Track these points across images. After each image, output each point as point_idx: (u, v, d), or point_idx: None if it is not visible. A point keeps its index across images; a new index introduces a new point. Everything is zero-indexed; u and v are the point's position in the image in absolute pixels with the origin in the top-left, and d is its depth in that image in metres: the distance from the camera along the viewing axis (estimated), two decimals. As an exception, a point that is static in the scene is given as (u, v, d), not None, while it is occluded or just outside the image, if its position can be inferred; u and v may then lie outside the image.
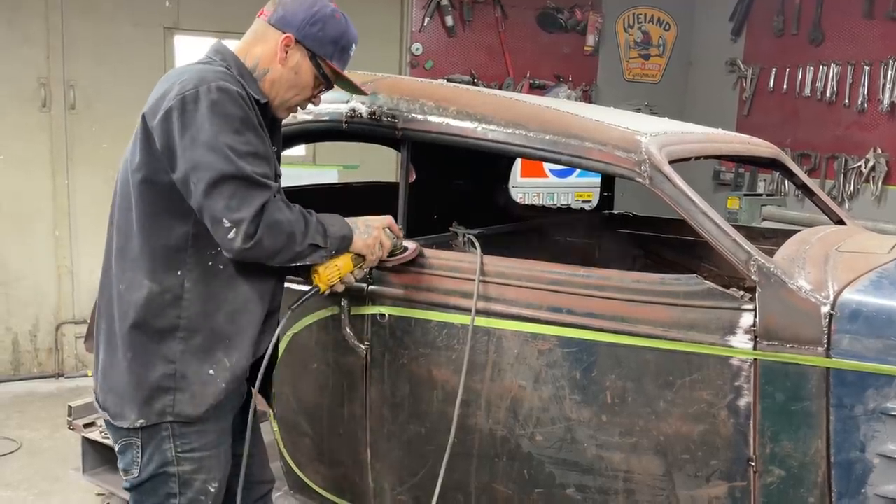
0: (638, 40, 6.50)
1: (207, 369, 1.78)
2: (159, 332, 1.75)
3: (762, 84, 6.10)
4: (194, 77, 1.69)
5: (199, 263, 1.75)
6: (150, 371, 1.75)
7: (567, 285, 1.98)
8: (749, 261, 1.81)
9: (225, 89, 1.68)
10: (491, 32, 5.89)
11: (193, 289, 1.75)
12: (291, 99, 1.89)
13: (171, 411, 1.77)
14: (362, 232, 1.93)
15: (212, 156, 1.64)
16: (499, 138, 2.09)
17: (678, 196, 1.89)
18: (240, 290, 1.80)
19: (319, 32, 1.83)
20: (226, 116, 1.66)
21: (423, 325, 2.16)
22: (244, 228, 1.66)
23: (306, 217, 1.81)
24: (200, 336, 1.77)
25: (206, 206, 1.66)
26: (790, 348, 1.76)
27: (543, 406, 2.02)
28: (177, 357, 1.76)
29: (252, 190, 1.68)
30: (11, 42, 4.63)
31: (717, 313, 1.82)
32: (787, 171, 3.04)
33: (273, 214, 1.71)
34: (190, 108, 1.65)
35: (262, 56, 1.83)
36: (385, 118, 2.23)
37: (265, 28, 1.85)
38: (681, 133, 2.23)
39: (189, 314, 1.75)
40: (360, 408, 2.30)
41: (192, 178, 1.65)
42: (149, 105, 1.73)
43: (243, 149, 1.68)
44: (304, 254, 1.80)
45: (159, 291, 1.74)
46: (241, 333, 1.81)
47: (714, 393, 1.83)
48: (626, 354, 1.91)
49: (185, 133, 1.65)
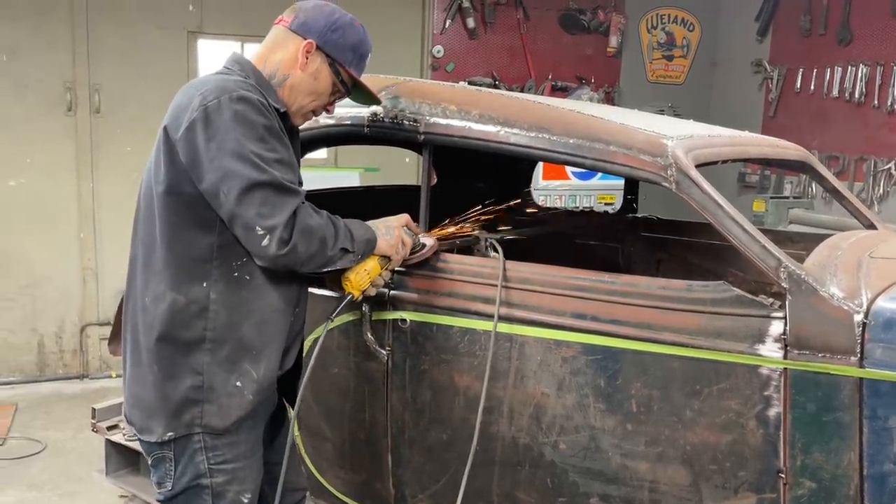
0: (661, 41, 6.44)
1: (234, 381, 1.77)
2: (186, 344, 1.74)
3: (789, 85, 6.01)
4: (215, 88, 1.69)
5: (224, 274, 1.75)
6: (177, 383, 1.74)
7: (591, 291, 1.95)
8: (779, 267, 1.77)
9: (247, 98, 1.68)
10: (513, 34, 5.86)
11: (219, 300, 1.74)
12: (308, 105, 1.89)
13: (199, 423, 1.76)
14: (384, 233, 1.93)
15: (240, 164, 1.64)
16: (522, 142, 2.07)
17: (705, 201, 1.86)
18: (266, 300, 1.79)
19: (340, 39, 1.83)
20: (250, 124, 1.66)
21: (444, 331, 2.14)
22: (278, 235, 1.66)
23: (335, 222, 1.81)
24: (227, 347, 1.76)
25: (238, 215, 1.66)
26: (822, 357, 1.71)
27: (567, 414, 1.99)
28: (204, 368, 1.75)
29: (283, 196, 1.68)
30: (38, 47, 4.68)
31: (746, 321, 1.78)
32: (816, 173, 2.98)
33: (305, 220, 1.71)
34: (214, 118, 1.65)
35: (282, 62, 1.83)
36: (407, 122, 2.21)
37: (285, 34, 1.85)
38: (707, 136, 2.19)
39: (215, 325, 1.74)
40: (382, 413, 2.29)
41: (223, 188, 1.65)
42: (169, 117, 1.72)
43: (270, 156, 1.68)
44: (335, 258, 1.80)
45: (185, 303, 1.73)
46: (268, 344, 1.80)
47: (742, 402, 1.79)
48: (651, 362, 1.87)
49: (211, 143, 1.64)
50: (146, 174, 1.79)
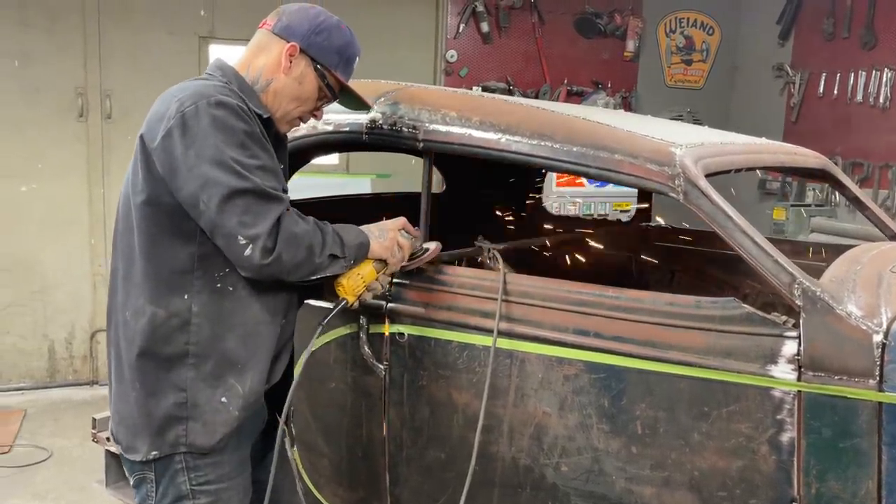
0: (680, 45, 6.32)
1: (220, 397, 1.71)
2: (168, 360, 1.68)
3: (811, 90, 5.87)
4: (193, 93, 1.62)
5: (206, 286, 1.68)
6: (160, 400, 1.68)
7: (595, 307, 1.86)
8: (793, 284, 1.67)
9: (225, 103, 1.61)
10: (528, 38, 5.78)
11: (202, 312, 1.68)
12: (293, 111, 1.82)
13: (184, 441, 1.70)
14: (378, 236, 1.85)
15: (220, 172, 1.57)
16: (523, 150, 1.99)
17: (715, 213, 1.76)
18: (250, 311, 1.73)
19: (325, 42, 1.77)
20: (230, 130, 1.60)
21: (443, 346, 2.06)
22: (261, 243, 1.59)
23: (322, 228, 1.74)
24: (211, 361, 1.70)
25: (219, 225, 1.59)
26: (838, 380, 1.61)
27: (569, 435, 1.90)
28: (187, 384, 1.69)
29: (266, 203, 1.61)
30: (50, 52, 4.68)
31: (757, 340, 1.68)
32: (836, 182, 2.87)
33: (290, 227, 1.64)
34: (191, 124, 1.58)
35: (265, 67, 1.77)
36: (406, 129, 2.14)
37: (268, 38, 1.79)
38: (719, 144, 2.09)
39: (198, 339, 1.68)
40: (379, 430, 2.21)
41: (202, 196, 1.58)
42: (146, 125, 1.67)
43: (251, 162, 1.61)
44: (324, 265, 1.73)
45: (166, 317, 1.67)
46: (254, 357, 1.74)
47: (754, 426, 1.69)
48: (657, 382, 1.78)
49: (189, 151, 1.58)
50: (124, 185, 1.73)
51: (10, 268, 4.79)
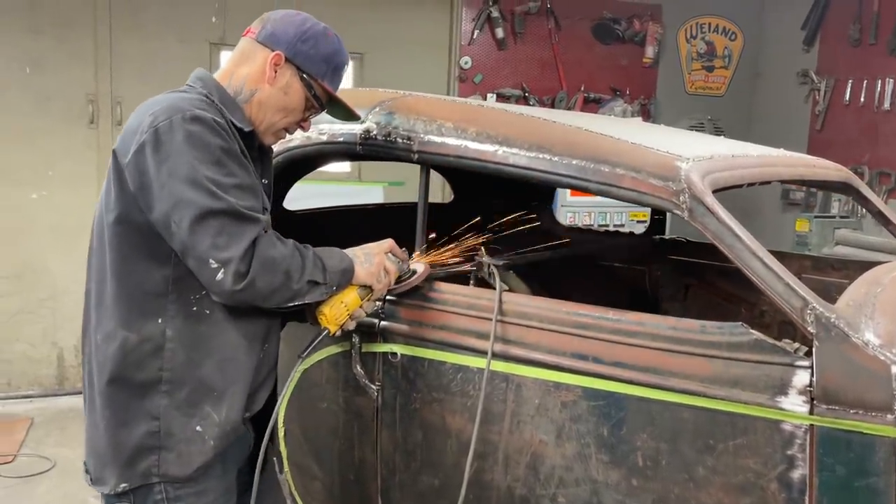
0: (701, 51, 6.18)
1: (195, 426, 1.62)
2: (140, 386, 1.60)
3: (837, 97, 5.70)
4: (167, 107, 1.54)
5: (181, 309, 1.60)
6: (132, 429, 1.60)
7: (594, 329, 1.76)
8: (804, 309, 1.56)
9: (201, 118, 1.53)
10: (543, 45, 5.68)
11: (176, 337, 1.59)
12: (279, 122, 1.74)
13: (156, 472, 1.61)
14: (363, 261, 1.76)
15: (192, 191, 1.49)
16: (521, 163, 1.89)
17: (721, 231, 1.65)
18: (228, 336, 1.64)
19: (311, 50, 1.68)
20: (204, 147, 1.51)
21: (436, 367, 1.96)
22: (234, 268, 1.50)
23: (302, 252, 1.64)
24: (186, 389, 1.61)
25: (191, 247, 1.51)
26: (854, 414, 1.49)
27: (567, 465, 1.80)
28: (161, 412, 1.60)
29: (240, 225, 1.52)
30: (61, 59, 4.67)
31: (766, 369, 1.56)
32: (859, 195, 2.73)
33: (266, 251, 1.55)
34: (164, 140, 1.50)
35: (248, 76, 1.69)
36: (401, 140, 2.05)
37: (252, 46, 1.71)
38: (730, 157, 1.98)
39: (172, 365, 1.60)
40: (372, 453, 2.12)
41: (174, 216, 1.50)
42: (120, 140, 1.59)
43: (227, 181, 1.52)
44: (302, 292, 1.63)
45: (137, 341, 1.58)
46: (231, 385, 1.65)
47: (762, 462, 1.57)
48: (659, 411, 1.67)
49: (161, 168, 1.50)
50: (99, 202, 1.65)
51: (20, 275, 4.78)
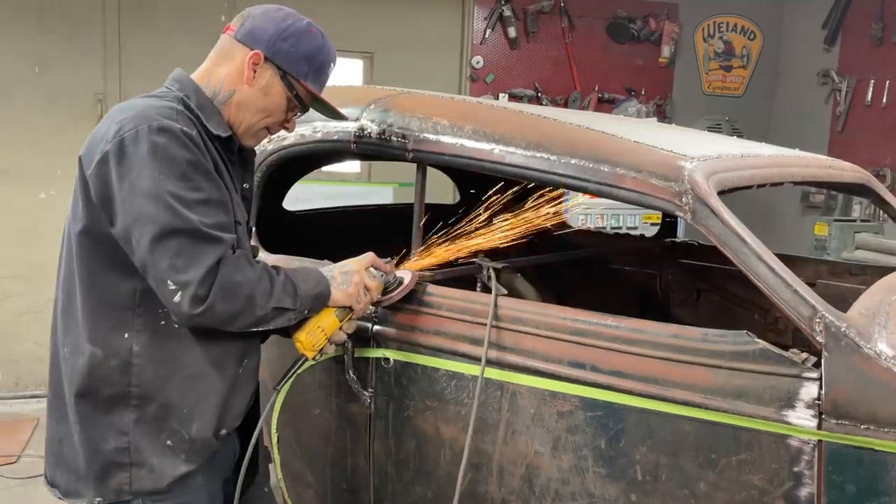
0: (719, 51, 6.06)
1: (165, 440, 1.55)
2: (107, 402, 1.53)
3: (858, 97, 5.56)
4: (135, 115, 1.46)
5: (149, 324, 1.53)
6: (101, 444, 1.54)
7: (592, 336, 1.68)
8: (813, 318, 1.47)
9: (168, 128, 1.45)
10: (557, 44, 5.59)
11: (144, 353, 1.53)
12: (259, 123, 1.66)
13: (128, 490, 1.55)
14: (340, 283, 1.67)
15: (153, 206, 1.41)
16: (518, 162, 1.81)
17: (726, 235, 1.57)
18: (199, 352, 1.56)
19: (292, 49, 1.60)
20: (169, 160, 1.43)
21: (430, 374, 1.89)
22: (191, 292, 1.42)
23: (271, 276, 1.55)
24: (155, 404, 1.54)
25: (150, 265, 1.44)
26: (865, 430, 1.40)
27: (563, 478, 1.72)
28: (129, 428, 1.53)
29: (201, 246, 1.44)
30: (70, 58, 4.66)
31: (772, 380, 1.48)
32: (877, 197, 2.64)
33: (228, 275, 1.46)
34: (129, 151, 1.43)
35: (227, 77, 1.61)
36: (395, 138, 1.98)
37: (231, 45, 1.63)
38: (739, 157, 1.89)
39: (140, 381, 1.53)
40: (364, 462, 2.05)
41: (134, 232, 1.43)
42: (85, 147, 1.51)
43: (191, 197, 1.44)
44: (267, 318, 1.54)
45: (103, 356, 1.51)
46: (200, 402, 1.57)
47: (767, 479, 1.49)
48: (659, 423, 1.59)
49: (124, 181, 1.43)
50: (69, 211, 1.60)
51: (28, 275, 4.76)
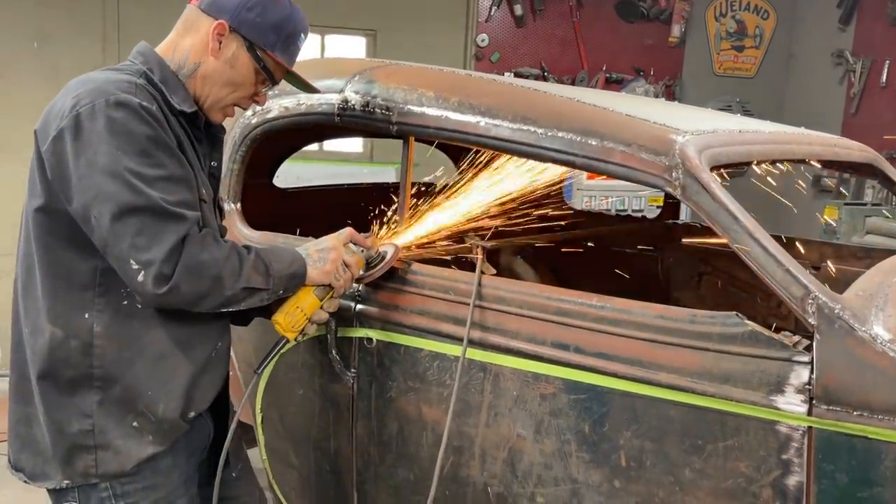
0: (731, 30, 5.92)
1: (131, 422, 1.50)
2: (69, 383, 1.48)
3: (874, 78, 5.43)
4: (93, 89, 1.40)
5: (110, 303, 1.47)
6: (64, 427, 1.49)
7: (576, 317, 1.62)
8: (806, 298, 1.40)
9: (126, 103, 1.38)
10: (564, 22, 5.48)
11: (105, 333, 1.47)
12: (226, 98, 1.59)
13: (94, 472, 1.50)
14: (316, 261, 1.62)
15: (112, 184, 1.36)
16: (503, 135, 1.74)
17: (717, 212, 1.49)
18: (163, 332, 1.51)
19: (258, 18, 1.53)
20: (128, 135, 1.37)
21: (412, 354, 1.84)
22: (155, 271, 1.36)
23: (240, 254, 1.49)
24: (119, 386, 1.49)
25: (111, 244, 1.38)
26: (857, 416, 1.34)
27: (546, 462, 1.66)
28: (93, 410, 1.48)
29: (164, 223, 1.38)
30: (68, 33, 4.61)
31: (761, 364, 1.41)
32: (885, 178, 2.55)
33: (193, 254, 1.40)
34: (85, 126, 1.37)
35: (192, 48, 1.54)
36: (379, 110, 1.92)
37: (196, 15, 1.55)
38: (736, 132, 1.81)
39: (103, 362, 1.48)
40: (347, 443, 2.01)
41: (93, 210, 1.37)
42: (41, 120, 1.45)
43: (151, 173, 1.38)
44: (238, 298, 1.48)
45: (63, 337, 1.46)
46: (167, 384, 1.52)
47: (755, 466, 1.42)
48: (644, 407, 1.53)
49: (80, 158, 1.37)
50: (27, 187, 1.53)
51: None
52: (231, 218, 2.22)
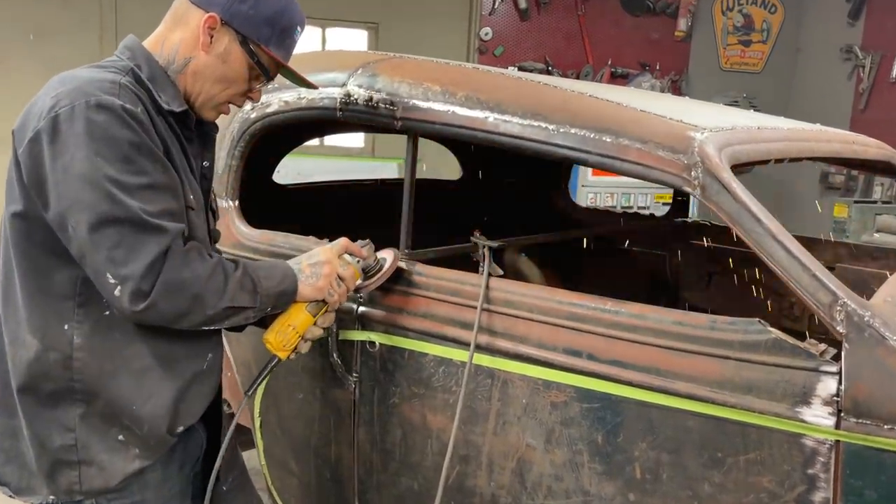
0: (738, 24, 5.85)
1: (116, 435, 1.43)
2: (50, 397, 1.41)
3: (883, 73, 5.36)
4: (73, 89, 1.31)
5: (90, 314, 1.39)
6: (47, 441, 1.42)
7: (589, 322, 1.55)
8: (834, 305, 1.33)
9: (107, 105, 1.29)
10: (569, 16, 5.41)
11: (85, 345, 1.39)
12: (219, 94, 1.50)
13: (78, 489, 1.43)
14: (308, 276, 1.53)
15: (90, 192, 1.27)
16: (513, 131, 1.67)
17: (738, 212, 1.42)
18: (147, 344, 1.43)
19: (251, 10, 1.43)
20: (108, 140, 1.29)
21: (417, 359, 1.77)
22: (132, 287, 1.29)
23: (226, 271, 1.41)
24: (101, 400, 1.42)
25: (88, 255, 1.30)
26: (888, 430, 1.27)
27: (556, 473, 1.60)
28: (76, 424, 1.41)
29: (143, 236, 1.29)
30: (65, 26, 4.57)
31: (786, 374, 1.34)
32: (903, 177, 2.47)
33: (174, 270, 1.32)
34: (63, 129, 1.28)
35: (181, 43, 1.45)
36: (383, 105, 1.84)
37: (186, 7, 1.45)
38: (755, 129, 1.74)
39: (83, 376, 1.40)
40: (349, 450, 1.94)
41: (69, 219, 1.29)
42: (20, 120, 1.36)
43: (132, 181, 1.30)
44: (220, 317, 1.41)
45: (42, 349, 1.39)
46: (151, 398, 1.44)
47: (778, 481, 1.36)
48: (660, 418, 1.46)
49: (57, 162, 1.29)
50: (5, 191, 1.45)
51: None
52: (230, 216, 2.15)
